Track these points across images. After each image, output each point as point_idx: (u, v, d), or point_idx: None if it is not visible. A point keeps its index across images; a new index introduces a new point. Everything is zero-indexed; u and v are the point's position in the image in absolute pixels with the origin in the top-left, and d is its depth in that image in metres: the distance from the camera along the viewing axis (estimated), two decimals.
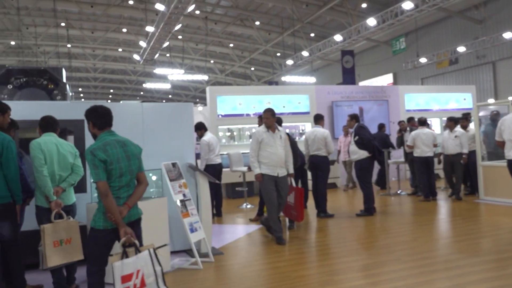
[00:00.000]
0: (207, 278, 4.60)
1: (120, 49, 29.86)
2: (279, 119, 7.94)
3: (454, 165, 8.64)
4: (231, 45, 28.31)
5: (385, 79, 25.26)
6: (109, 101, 19.89)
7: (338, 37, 20.14)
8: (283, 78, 26.83)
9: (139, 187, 3.32)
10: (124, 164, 3.17)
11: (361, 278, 4.38)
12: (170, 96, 42.68)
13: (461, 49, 20.01)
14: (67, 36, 24.47)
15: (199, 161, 7.81)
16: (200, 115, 11.72)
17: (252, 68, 33.58)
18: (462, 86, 18.13)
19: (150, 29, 19.46)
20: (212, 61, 32.07)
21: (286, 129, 10.71)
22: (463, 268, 4.45)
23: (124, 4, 21.55)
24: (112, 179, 3.11)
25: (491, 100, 18.96)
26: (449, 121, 8.80)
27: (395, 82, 24.76)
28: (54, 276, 3.96)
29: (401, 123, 10.25)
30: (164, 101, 39.79)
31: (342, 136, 11.18)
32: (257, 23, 24.23)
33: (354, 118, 7.81)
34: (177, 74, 26.62)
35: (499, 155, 7.61)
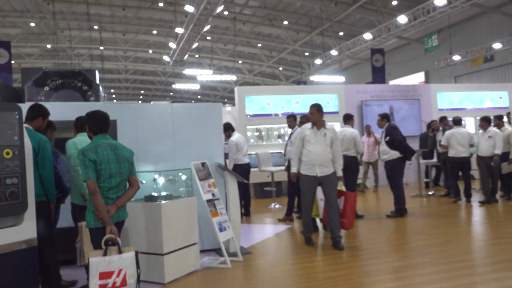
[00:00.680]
0: (236, 277, 4.63)
1: (151, 51, 30.39)
2: (295, 117, 7.89)
3: (488, 166, 8.35)
4: (259, 45, 28.33)
5: (417, 78, 24.70)
6: (140, 101, 20.37)
7: (367, 36, 19.83)
8: (312, 78, 26.64)
9: (130, 190, 3.48)
10: (113, 166, 3.33)
11: (392, 281, 4.30)
12: (199, 96, 43.14)
13: (496, 45, 19.31)
14: (99, 38, 25.13)
15: (227, 161, 7.87)
16: (228, 115, 11.81)
17: (280, 68, 33.51)
18: (498, 84, 17.51)
19: (179, 30, 19.73)
20: (240, 61, 32.20)
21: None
22: (499, 272, 4.31)
23: (154, 7, 21.93)
24: (102, 179, 3.27)
25: None
26: (482, 120, 8.51)
27: (427, 80, 24.18)
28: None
29: (433, 123, 10.00)
30: (193, 101, 40.27)
31: (365, 136, 10.91)
32: (285, 22, 24.15)
33: (385, 117, 7.68)
34: (206, 75, 26.87)
35: None
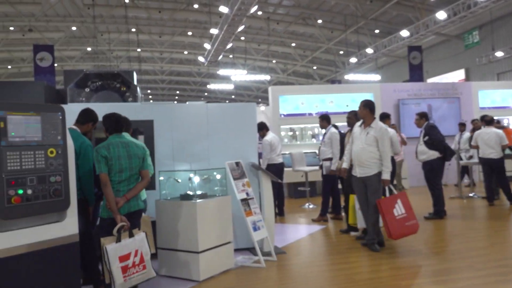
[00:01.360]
0: (270, 276, 4.63)
1: (186, 52, 30.87)
2: (326, 117, 7.75)
3: None
4: (293, 44, 28.21)
5: (456, 75, 23.86)
6: (175, 102, 20.71)
7: (404, 33, 19.36)
8: (346, 77, 26.27)
9: (140, 183, 3.78)
10: (124, 162, 3.64)
11: (431, 284, 4.18)
12: (233, 96, 43.44)
13: None
14: (137, 40, 25.76)
15: (261, 161, 7.88)
16: (262, 115, 11.82)
17: (314, 67, 33.22)
18: None
19: (214, 31, 19.94)
20: (274, 61, 32.18)
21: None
22: None
23: (189, 8, 22.26)
24: (112, 173, 3.60)
25: None
26: None
27: (468, 78, 23.31)
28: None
29: (474, 122, 9.65)
30: (227, 101, 40.61)
31: None
32: (320, 21, 23.93)
33: (424, 116, 7.46)
34: (240, 75, 27.02)
35: None
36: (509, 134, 8.94)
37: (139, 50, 27.93)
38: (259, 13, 22.14)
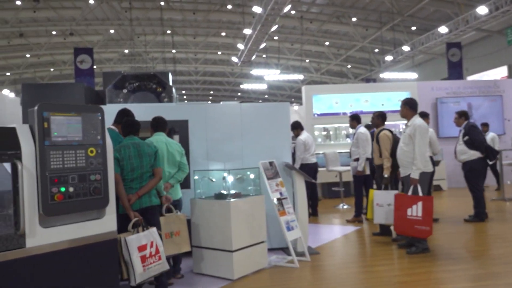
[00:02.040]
0: (303, 277, 4.61)
1: (220, 52, 31.16)
2: (356, 117, 7.60)
3: None
4: (327, 43, 27.91)
5: (498, 72, 22.89)
6: (209, 102, 20.97)
7: (443, 29, 18.78)
8: (381, 75, 25.72)
9: (152, 180, 3.93)
10: (135, 161, 3.85)
11: None
12: (266, 96, 43.47)
13: None
14: (172, 42, 26.25)
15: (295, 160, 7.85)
16: (295, 114, 11.77)
17: (349, 66, 32.74)
18: None
19: (247, 31, 20.03)
20: (307, 60, 31.95)
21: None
22: None
23: (223, 9, 22.46)
24: (125, 172, 3.82)
25: None
26: None
27: (511, 75, 22.35)
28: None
29: None
30: (260, 101, 40.67)
31: None
32: (354, 19, 23.55)
33: (463, 115, 7.20)
34: (273, 75, 27.01)
35: None
36: None
37: (174, 51, 28.45)
38: (292, 12, 22.04)
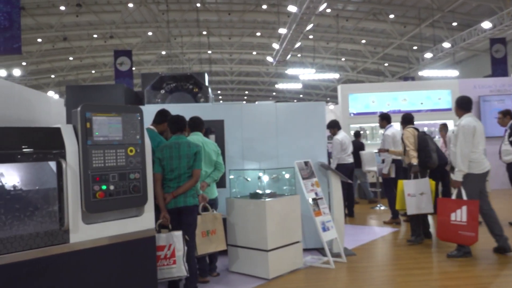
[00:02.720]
0: (339, 278, 4.56)
1: (255, 52, 31.26)
2: (386, 116, 7.39)
3: None
4: (363, 41, 27.43)
5: None
6: (244, 102, 21.08)
7: (486, 24, 18.03)
8: (420, 73, 25.00)
9: (188, 181, 3.94)
10: (175, 162, 3.91)
11: None
12: (301, 95, 43.23)
13: None
14: (208, 43, 26.59)
15: (331, 160, 7.77)
16: (331, 113, 11.65)
17: (386, 64, 32.04)
18: None
19: (282, 31, 19.99)
20: (343, 59, 31.52)
21: (424, 127, 10.00)
22: None
23: (258, 9, 22.53)
24: (165, 172, 3.92)
25: None
26: None
27: None
28: (199, 263, 4.34)
29: None
30: (295, 100, 40.51)
31: (438, 136, 9.61)
32: (391, 16, 23.02)
33: (508, 114, 6.89)
34: (309, 74, 26.83)
35: None
36: None
37: (209, 52, 28.80)
38: (328, 10, 21.81)
